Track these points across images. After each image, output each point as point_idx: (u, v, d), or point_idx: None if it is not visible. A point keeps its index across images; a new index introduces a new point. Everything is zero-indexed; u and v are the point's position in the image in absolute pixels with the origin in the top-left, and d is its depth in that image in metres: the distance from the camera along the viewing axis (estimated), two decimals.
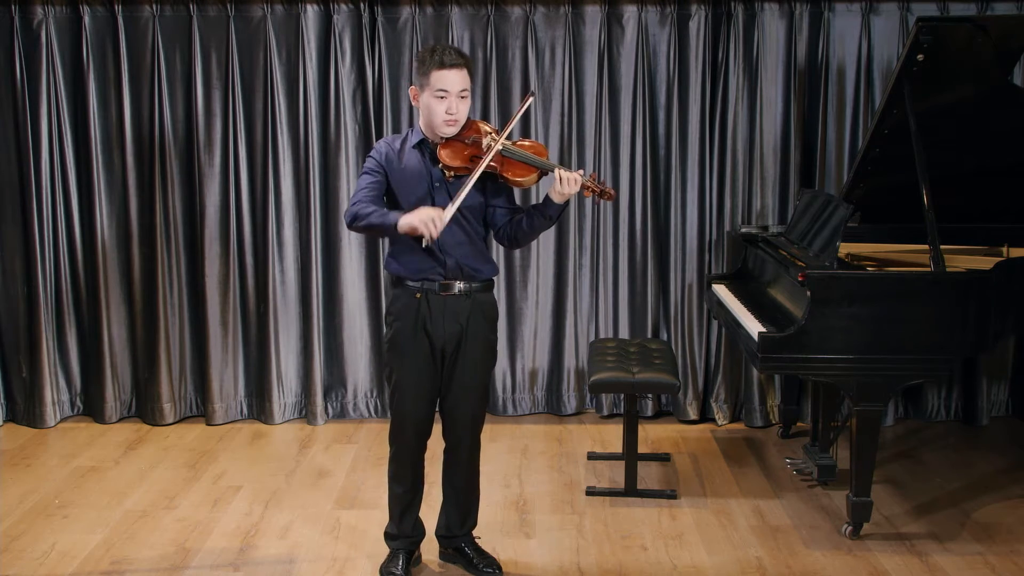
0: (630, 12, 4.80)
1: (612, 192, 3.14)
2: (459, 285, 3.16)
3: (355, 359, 5.03)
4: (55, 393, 4.99)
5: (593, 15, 4.81)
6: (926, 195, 3.61)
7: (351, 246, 4.93)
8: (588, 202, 4.93)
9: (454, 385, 3.23)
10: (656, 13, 4.81)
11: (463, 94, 3.09)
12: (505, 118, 4.85)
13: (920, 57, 3.69)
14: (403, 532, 3.36)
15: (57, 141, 4.85)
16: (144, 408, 5.02)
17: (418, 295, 3.15)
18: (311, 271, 4.90)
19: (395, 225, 2.99)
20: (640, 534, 3.71)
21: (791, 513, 3.89)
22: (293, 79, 4.81)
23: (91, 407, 5.07)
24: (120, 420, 5.04)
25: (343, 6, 4.78)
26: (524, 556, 3.53)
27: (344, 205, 4.87)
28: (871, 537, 3.67)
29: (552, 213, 3.14)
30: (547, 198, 3.13)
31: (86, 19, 4.75)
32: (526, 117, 4.85)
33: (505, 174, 3.12)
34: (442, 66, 3.04)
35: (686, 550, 3.58)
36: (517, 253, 4.95)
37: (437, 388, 3.26)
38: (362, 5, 4.77)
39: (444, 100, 3.06)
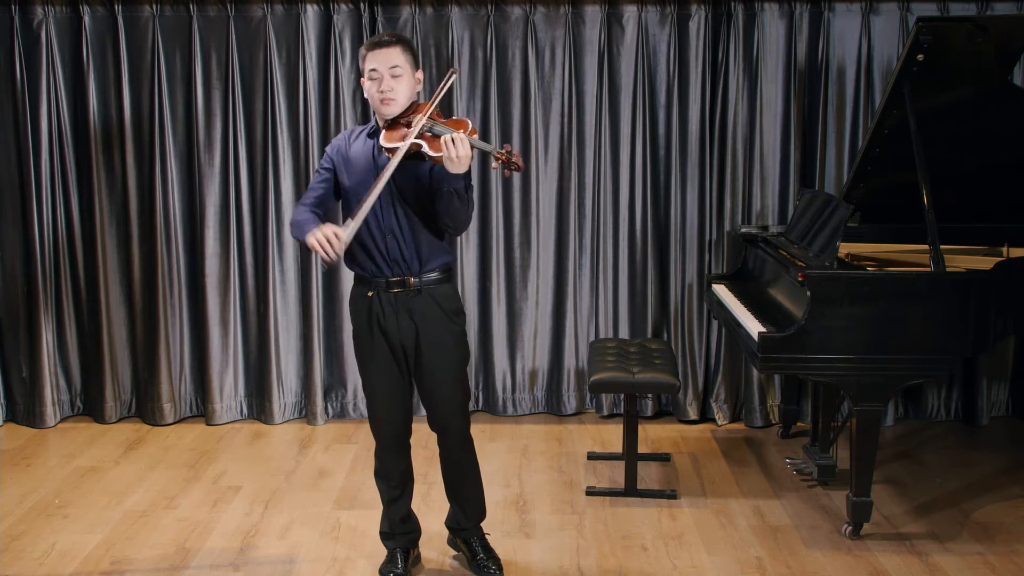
0: (630, 12, 4.80)
1: (520, 163, 2.91)
2: (410, 280, 3.08)
3: (355, 359, 5.01)
4: (55, 393, 4.99)
5: (593, 15, 4.81)
6: (926, 195, 3.61)
7: None
8: (588, 202, 4.93)
9: (426, 384, 3.19)
10: (656, 13, 4.81)
11: (394, 72, 3.02)
12: (506, 119, 4.85)
13: (920, 57, 3.69)
14: (397, 530, 3.35)
15: (57, 140, 4.85)
16: (144, 408, 5.02)
17: (369, 293, 3.12)
18: (311, 271, 4.89)
19: (303, 240, 2.91)
20: (640, 534, 3.71)
21: (791, 513, 3.89)
22: (293, 79, 4.81)
23: (91, 407, 5.07)
24: (120, 420, 5.04)
25: (343, 6, 4.78)
26: (524, 556, 3.53)
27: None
28: (871, 537, 3.67)
29: (453, 184, 2.92)
30: (444, 170, 2.92)
31: (86, 19, 4.76)
32: (525, 114, 4.85)
33: (430, 149, 2.93)
34: (371, 47, 3.04)
35: (686, 550, 3.58)
36: (517, 253, 4.95)
37: (406, 385, 3.21)
38: (362, 5, 4.77)
39: (375, 80, 3.03)
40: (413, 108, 3.08)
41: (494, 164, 2.93)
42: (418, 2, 4.78)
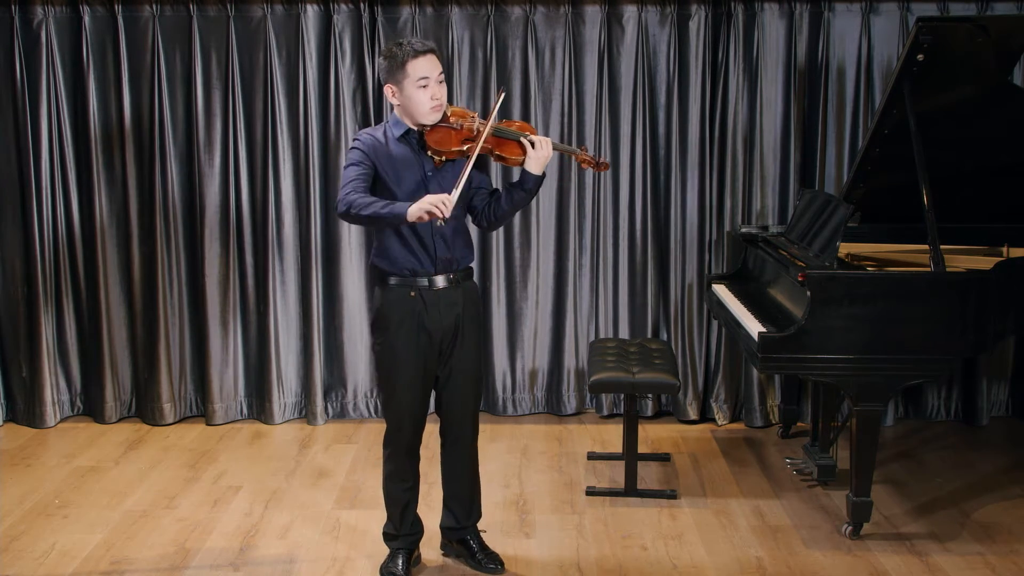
0: (630, 12, 4.80)
1: (606, 163, 3.21)
2: (449, 276, 3.17)
3: (355, 359, 5.03)
4: (55, 393, 4.99)
5: (593, 15, 4.81)
6: (926, 195, 3.61)
7: (351, 246, 4.93)
8: (588, 202, 4.93)
9: (454, 378, 3.24)
10: (656, 13, 4.81)
11: (440, 78, 3.09)
12: (506, 119, 4.84)
13: (920, 57, 3.69)
14: (403, 531, 3.36)
15: (57, 141, 4.85)
16: (144, 408, 5.02)
17: (412, 293, 3.14)
18: (311, 271, 4.90)
19: (404, 215, 2.93)
20: (640, 534, 3.71)
21: (791, 513, 3.89)
22: (293, 79, 4.81)
23: (91, 407, 5.07)
24: (120, 420, 5.03)
25: (343, 6, 4.78)
26: (524, 556, 3.53)
27: None
28: (871, 537, 3.67)
29: (531, 185, 3.13)
30: (524, 171, 3.12)
31: (86, 19, 4.75)
32: (525, 114, 4.84)
33: (501, 153, 3.12)
34: (416, 54, 3.04)
35: (686, 550, 3.58)
36: (517, 253, 4.95)
37: (432, 383, 3.27)
38: (362, 5, 4.77)
39: (427, 87, 3.04)
40: (449, 110, 3.14)
41: (583, 165, 3.21)
42: (418, 2, 4.78)
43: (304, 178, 4.86)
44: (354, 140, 3.18)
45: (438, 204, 2.89)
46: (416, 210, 2.91)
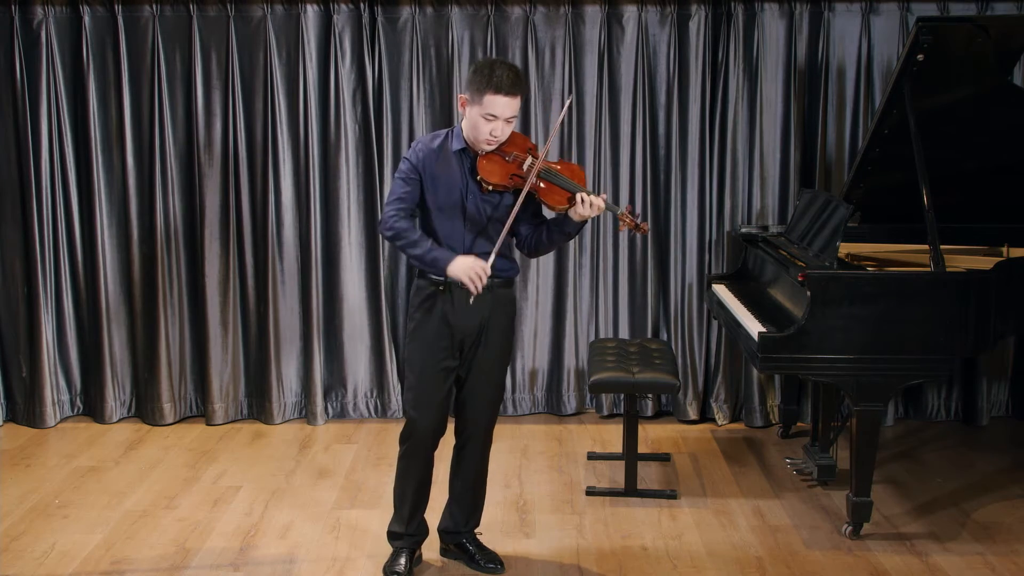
0: (630, 12, 4.80)
1: (646, 226, 3.20)
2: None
3: (355, 359, 5.03)
4: (55, 393, 4.99)
5: (593, 15, 4.81)
6: (926, 195, 3.61)
7: (351, 246, 4.93)
8: None
9: (472, 380, 3.25)
10: (656, 13, 4.81)
11: (511, 120, 3.07)
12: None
13: (920, 57, 3.69)
14: (410, 531, 3.36)
15: (57, 141, 4.85)
16: (144, 408, 5.02)
17: (441, 288, 3.15)
18: (311, 271, 4.90)
19: (444, 270, 3.06)
20: (640, 534, 3.71)
21: (791, 513, 3.89)
22: (293, 79, 4.81)
23: (91, 407, 5.07)
24: (120, 420, 5.03)
25: (343, 6, 4.78)
26: (524, 556, 3.53)
27: (344, 205, 4.88)
28: (871, 537, 3.67)
29: (570, 230, 3.17)
30: (566, 216, 3.14)
31: (86, 19, 4.75)
32: (525, 114, 4.84)
33: (543, 198, 3.12)
34: (498, 91, 2.98)
35: (686, 550, 3.58)
36: (517, 252, 4.93)
37: (454, 383, 3.27)
38: (362, 5, 4.77)
39: (491, 123, 3.03)
40: (509, 139, 3.12)
41: (621, 227, 3.20)
42: (418, 2, 4.78)
43: (304, 178, 4.86)
44: (411, 147, 3.20)
45: (472, 277, 3.01)
46: (456, 271, 3.03)
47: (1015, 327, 3.76)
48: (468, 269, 3.03)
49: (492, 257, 3.07)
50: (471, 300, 3.06)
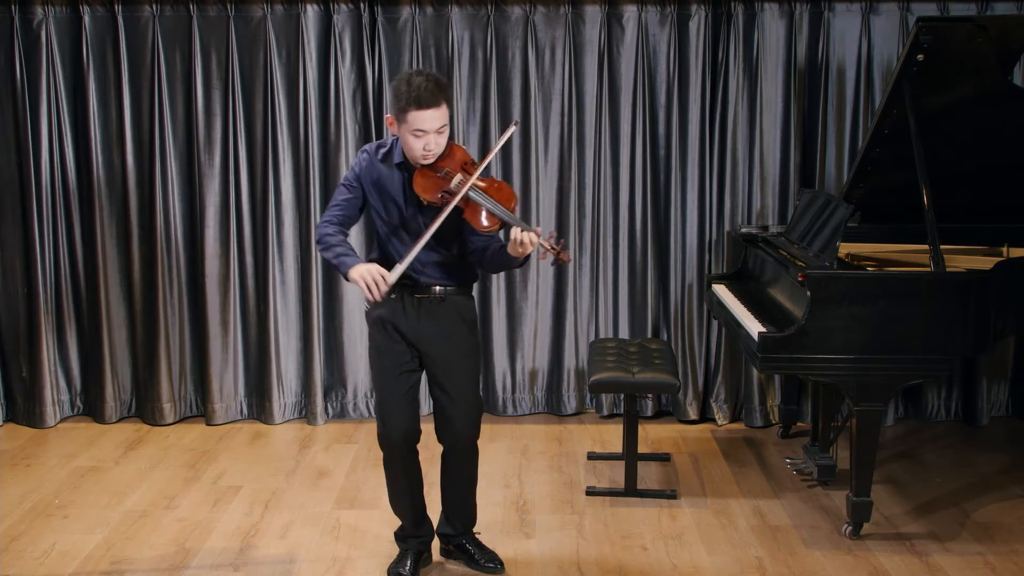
0: (630, 12, 4.80)
1: (568, 257, 3.06)
2: (435, 288, 3.17)
3: (355, 359, 5.03)
4: (55, 393, 4.99)
5: (593, 15, 4.81)
6: (926, 195, 3.61)
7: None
8: (588, 202, 4.93)
9: (442, 388, 3.22)
10: (656, 13, 4.81)
11: (441, 130, 3.02)
12: (506, 119, 4.84)
13: (920, 57, 3.69)
14: (411, 533, 3.37)
15: (57, 141, 4.85)
16: (144, 408, 5.02)
17: (393, 295, 3.13)
18: (311, 271, 4.90)
19: (347, 275, 3.03)
20: (640, 534, 3.71)
21: (791, 513, 3.89)
22: (293, 79, 4.81)
23: (91, 407, 5.07)
24: (120, 420, 5.03)
25: (343, 6, 4.78)
26: (524, 556, 3.53)
27: None
28: (871, 537, 3.67)
29: (513, 263, 3.12)
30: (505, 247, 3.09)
31: (86, 19, 4.75)
32: (525, 114, 4.85)
33: (467, 218, 3.05)
34: (420, 106, 2.93)
35: (686, 550, 3.58)
36: None
37: (418, 391, 3.25)
38: (362, 5, 4.77)
39: (422, 138, 2.99)
40: (448, 151, 3.08)
41: (541, 255, 3.04)
42: (418, 2, 4.78)
43: (304, 178, 4.86)
44: (358, 154, 3.20)
45: (370, 283, 2.95)
46: (356, 276, 2.99)
47: (1015, 327, 3.75)
48: (365, 274, 2.97)
49: (400, 268, 2.99)
50: (364, 306, 3.02)
